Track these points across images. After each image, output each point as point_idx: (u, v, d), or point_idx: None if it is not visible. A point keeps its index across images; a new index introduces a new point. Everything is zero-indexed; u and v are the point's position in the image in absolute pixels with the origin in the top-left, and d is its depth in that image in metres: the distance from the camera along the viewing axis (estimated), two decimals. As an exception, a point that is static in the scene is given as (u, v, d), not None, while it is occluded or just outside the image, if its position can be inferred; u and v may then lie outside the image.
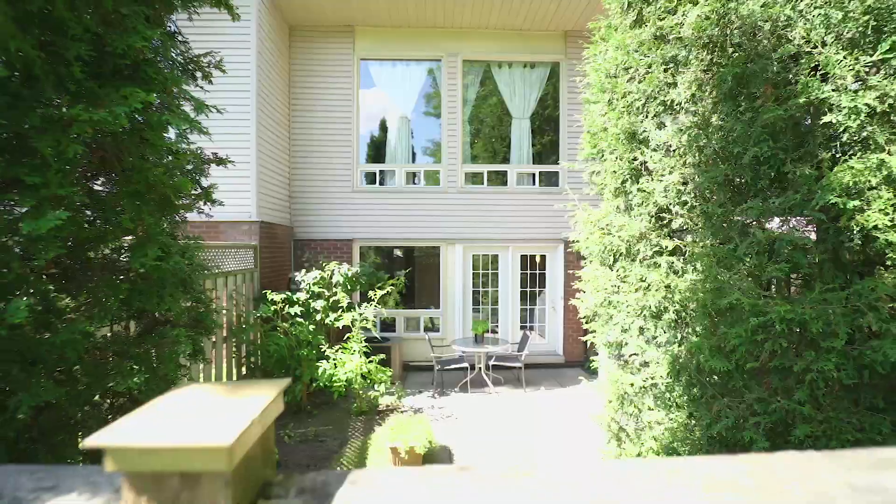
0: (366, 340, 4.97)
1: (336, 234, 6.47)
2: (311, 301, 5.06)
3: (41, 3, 0.88)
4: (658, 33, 2.84)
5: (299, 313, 4.89)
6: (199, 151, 1.54)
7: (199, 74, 1.54)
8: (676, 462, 0.50)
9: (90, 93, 1.04)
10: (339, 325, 4.89)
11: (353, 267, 5.53)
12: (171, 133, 1.22)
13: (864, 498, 0.42)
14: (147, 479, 0.41)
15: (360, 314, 4.92)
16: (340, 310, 5.08)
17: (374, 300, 5.10)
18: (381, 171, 6.74)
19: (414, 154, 7.02)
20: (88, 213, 1.13)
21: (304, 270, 5.37)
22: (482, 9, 6.11)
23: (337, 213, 6.49)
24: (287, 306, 4.87)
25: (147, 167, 1.17)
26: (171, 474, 0.41)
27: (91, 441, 0.40)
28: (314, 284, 5.15)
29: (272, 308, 4.75)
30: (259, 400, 0.47)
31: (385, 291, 5.19)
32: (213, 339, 4.02)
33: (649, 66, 2.87)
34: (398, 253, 7.32)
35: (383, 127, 7.04)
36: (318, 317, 5.01)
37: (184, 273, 1.39)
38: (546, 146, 7.25)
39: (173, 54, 1.40)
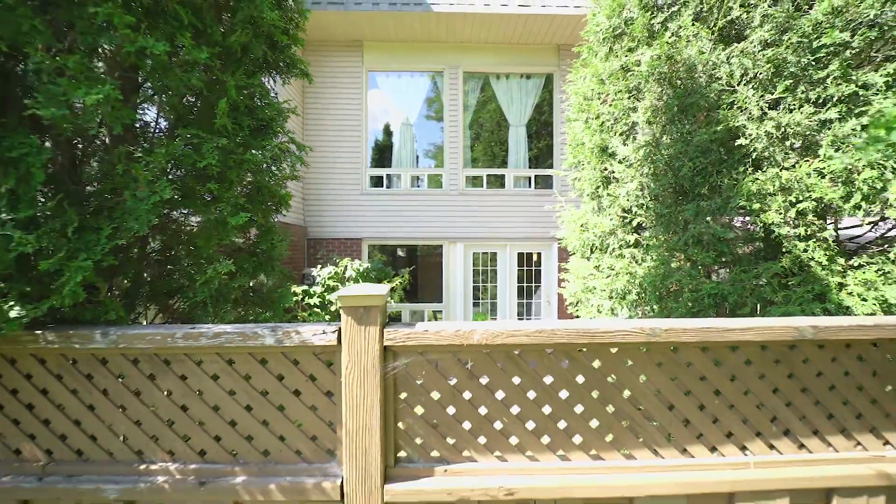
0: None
1: (346, 234, 7.22)
2: (326, 294, 5.81)
3: (233, 97, 1.65)
4: (623, 66, 3.61)
5: (317, 304, 5.65)
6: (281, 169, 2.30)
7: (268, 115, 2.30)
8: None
9: (247, 142, 1.81)
10: (353, 314, 5.64)
11: (364, 263, 6.29)
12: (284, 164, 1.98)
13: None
14: (350, 309, 1.17)
15: (372, 305, 5.67)
16: (353, 301, 5.83)
17: (383, 292, 5.85)
18: (387, 175, 7.50)
19: (417, 157, 7.79)
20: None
21: (319, 266, 6.13)
22: (482, 25, 6.89)
23: (346, 213, 7.25)
24: (306, 298, 5.62)
25: (271, 185, 1.93)
26: (359, 307, 1.17)
27: (335, 294, 1.14)
28: (329, 278, 5.91)
29: (293, 299, 5.50)
30: (385, 286, 1.23)
31: (392, 286, 5.95)
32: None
33: (617, 93, 3.64)
34: (403, 251, 8.07)
35: (389, 133, 7.81)
36: (334, 308, 5.76)
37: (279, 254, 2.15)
38: (542, 150, 8.01)
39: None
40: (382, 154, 7.77)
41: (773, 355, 1.34)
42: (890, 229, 3.01)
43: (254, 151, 1.70)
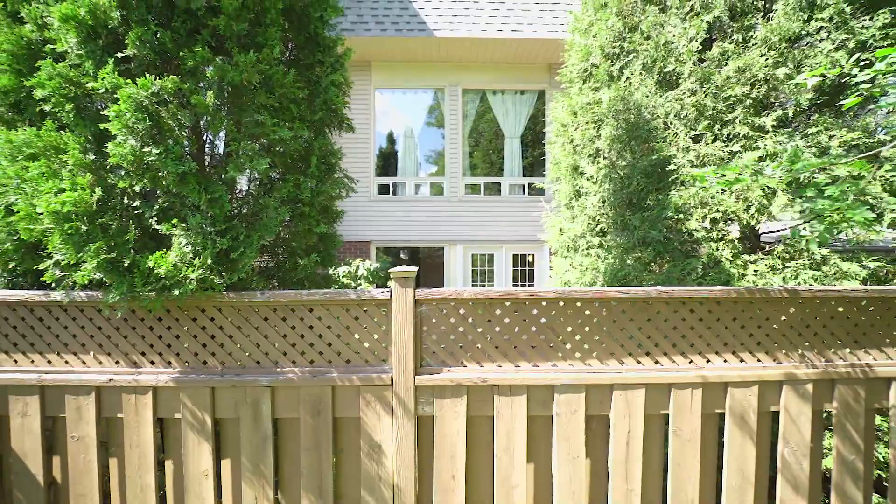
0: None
1: (356, 237, 8.35)
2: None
3: (318, 154, 2.77)
4: (590, 102, 4.73)
5: (334, 299, 6.77)
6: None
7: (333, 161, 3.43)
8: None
9: (322, 179, 2.93)
10: (365, 308, 6.77)
11: (374, 264, 7.41)
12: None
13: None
14: (398, 279, 2.30)
15: (382, 299, 6.79)
16: (365, 297, 6.95)
17: (392, 289, 6.97)
18: (393, 183, 8.64)
19: (420, 164, 8.94)
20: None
21: (334, 266, 7.25)
22: (479, 48, 8.04)
23: (356, 219, 8.37)
24: (324, 293, 6.74)
25: (332, 206, 3.05)
26: (403, 278, 2.29)
27: (392, 270, 2.26)
28: (343, 277, 7.03)
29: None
30: (414, 268, 2.34)
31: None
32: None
33: (585, 123, 4.76)
34: (407, 253, 9.19)
35: (394, 144, 8.97)
36: (348, 302, 6.87)
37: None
38: (536, 158, 9.15)
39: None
40: (387, 162, 8.92)
41: (638, 307, 2.46)
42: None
43: (325, 185, 2.83)
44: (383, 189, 8.63)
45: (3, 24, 2.35)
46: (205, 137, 2.55)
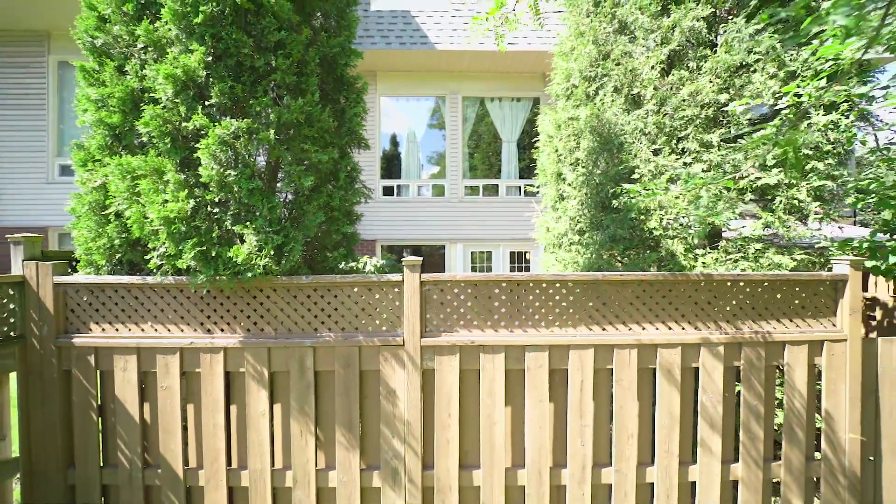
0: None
1: (362, 236, 9.25)
2: (350, 284, 7.86)
3: (347, 172, 3.70)
4: (571, 117, 5.63)
5: (344, 292, 7.69)
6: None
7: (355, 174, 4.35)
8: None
9: (347, 188, 3.85)
10: (373, 300, 7.69)
11: (380, 260, 8.33)
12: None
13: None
14: (408, 265, 3.22)
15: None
16: (372, 290, 7.87)
17: (397, 283, 7.89)
18: (397, 185, 9.56)
19: (422, 166, 9.85)
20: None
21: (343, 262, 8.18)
22: (478, 59, 8.95)
23: (363, 219, 9.28)
24: (335, 287, 7.67)
25: (353, 211, 3.96)
26: (411, 265, 3.21)
27: (403, 259, 3.16)
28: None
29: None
30: (419, 258, 3.25)
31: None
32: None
33: (567, 136, 5.66)
34: (409, 251, 10.09)
35: (397, 147, 9.88)
36: (357, 295, 7.80)
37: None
38: (533, 160, 10.03)
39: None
40: (391, 165, 9.84)
41: (589, 287, 3.36)
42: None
43: (349, 194, 3.75)
44: (388, 190, 9.54)
45: (114, 77, 3.28)
46: (256, 158, 3.48)
